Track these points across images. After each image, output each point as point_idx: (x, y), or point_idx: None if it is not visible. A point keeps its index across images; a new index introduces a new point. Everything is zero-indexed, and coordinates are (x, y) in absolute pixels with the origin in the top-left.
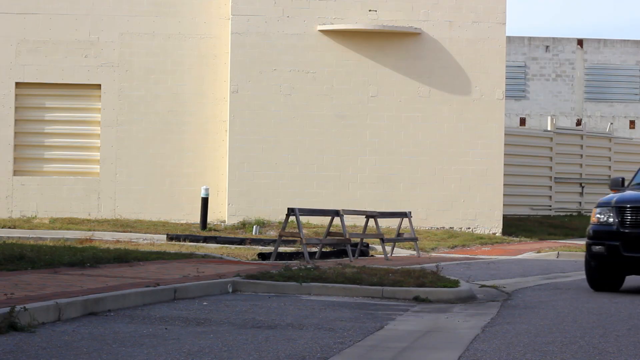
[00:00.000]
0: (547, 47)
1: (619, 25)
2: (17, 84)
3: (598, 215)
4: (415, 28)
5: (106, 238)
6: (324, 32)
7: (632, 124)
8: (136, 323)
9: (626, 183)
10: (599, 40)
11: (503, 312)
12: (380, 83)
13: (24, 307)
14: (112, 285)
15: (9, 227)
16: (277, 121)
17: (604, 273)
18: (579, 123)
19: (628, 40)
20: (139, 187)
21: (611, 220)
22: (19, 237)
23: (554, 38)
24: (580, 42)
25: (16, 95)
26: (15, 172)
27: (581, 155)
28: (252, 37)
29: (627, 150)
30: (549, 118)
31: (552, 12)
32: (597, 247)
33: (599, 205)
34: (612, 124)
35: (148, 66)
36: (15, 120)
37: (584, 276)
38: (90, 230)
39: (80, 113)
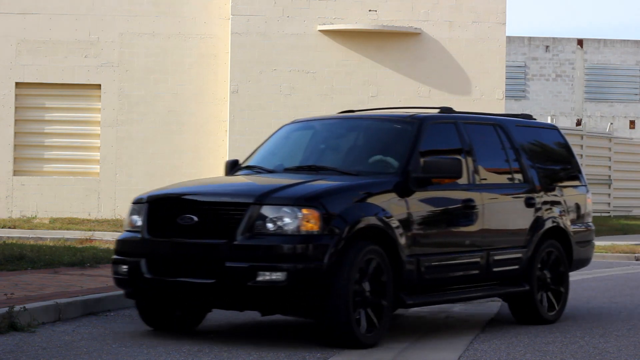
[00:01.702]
0: (547, 47)
1: (619, 25)
2: (17, 84)
3: (131, 217)
4: (415, 28)
5: (106, 238)
6: (324, 32)
7: (632, 124)
8: (136, 323)
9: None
10: (599, 40)
11: (503, 312)
12: (380, 83)
13: (24, 307)
14: (112, 285)
15: (9, 227)
16: (277, 121)
17: (148, 306)
18: (579, 123)
19: (628, 40)
20: (139, 187)
21: (141, 223)
22: (19, 237)
23: (554, 38)
24: (580, 42)
25: (16, 95)
26: (15, 172)
27: (581, 155)
28: (252, 37)
29: (627, 150)
30: (549, 118)
31: (552, 12)
32: (122, 266)
33: (134, 202)
34: (612, 124)
35: (148, 66)
36: (15, 120)
37: (584, 276)
38: (90, 230)
39: (80, 113)
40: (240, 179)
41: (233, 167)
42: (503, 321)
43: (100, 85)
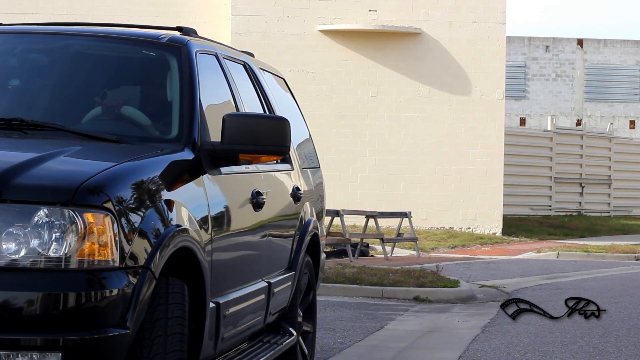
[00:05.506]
0: (547, 47)
1: (619, 25)
2: None
3: None
4: (415, 28)
5: None
6: (324, 32)
7: (632, 124)
8: None
9: None
10: (599, 40)
11: (503, 312)
12: (380, 83)
13: None
14: None
15: None
16: None
17: None
18: (579, 123)
19: (628, 40)
20: None
21: None
22: None
23: (554, 38)
24: (580, 42)
25: None
26: None
27: (581, 155)
28: (252, 37)
29: (627, 150)
30: (549, 118)
31: (552, 12)
32: None
33: None
34: (612, 124)
35: None
36: None
37: (584, 276)
38: None
39: None
40: None
41: None
42: (503, 321)
43: None
